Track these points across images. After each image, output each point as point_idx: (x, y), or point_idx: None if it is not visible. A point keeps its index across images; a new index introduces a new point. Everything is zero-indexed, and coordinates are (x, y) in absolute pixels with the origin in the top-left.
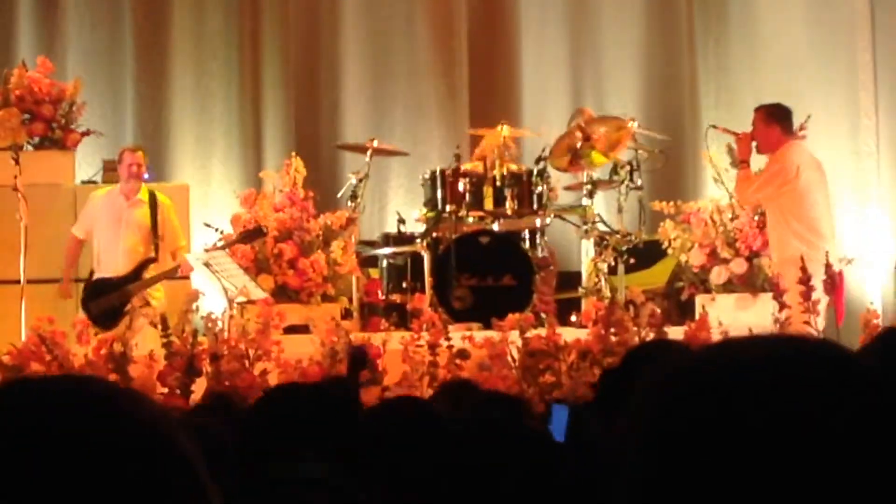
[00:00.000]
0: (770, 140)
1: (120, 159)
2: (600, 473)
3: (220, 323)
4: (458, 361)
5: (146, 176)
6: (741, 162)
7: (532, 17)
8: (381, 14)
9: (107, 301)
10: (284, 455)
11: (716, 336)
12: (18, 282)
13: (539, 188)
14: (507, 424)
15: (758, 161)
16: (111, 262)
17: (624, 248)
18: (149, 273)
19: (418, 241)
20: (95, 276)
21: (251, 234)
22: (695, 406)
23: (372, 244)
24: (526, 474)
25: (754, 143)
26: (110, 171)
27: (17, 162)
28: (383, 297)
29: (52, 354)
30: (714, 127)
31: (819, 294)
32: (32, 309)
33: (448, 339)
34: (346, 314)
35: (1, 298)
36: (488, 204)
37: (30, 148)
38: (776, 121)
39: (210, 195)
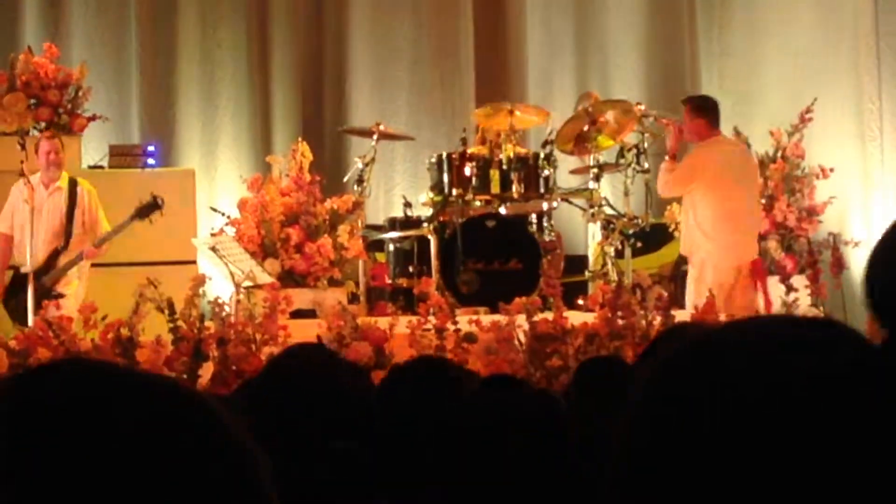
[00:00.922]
0: (696, 131)
1: (37, 147)
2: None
3: (226, 307)
4: (464, 345)
5: (152, 162)
6: (669, 153)
7: (537, 0)
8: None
9: (24, 296)
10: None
11: (723, 320)
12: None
13: (546, 172)
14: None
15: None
16: (31, 252)
17: (631, 231)
18: (60, 262)
19: (425, 225)
20: (17, 269)
21: (146, 208)
22: (685, 382)
23: (378, 228)
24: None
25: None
26: (117, 155)
27: (23, 147)
28: (390, 282)
29: (59, 339)
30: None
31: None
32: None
33: (455, 323)
34: (353, 298)
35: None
36: (495, 188)
37: (36, 133)
38: (702, 114)
39: (217, 180)
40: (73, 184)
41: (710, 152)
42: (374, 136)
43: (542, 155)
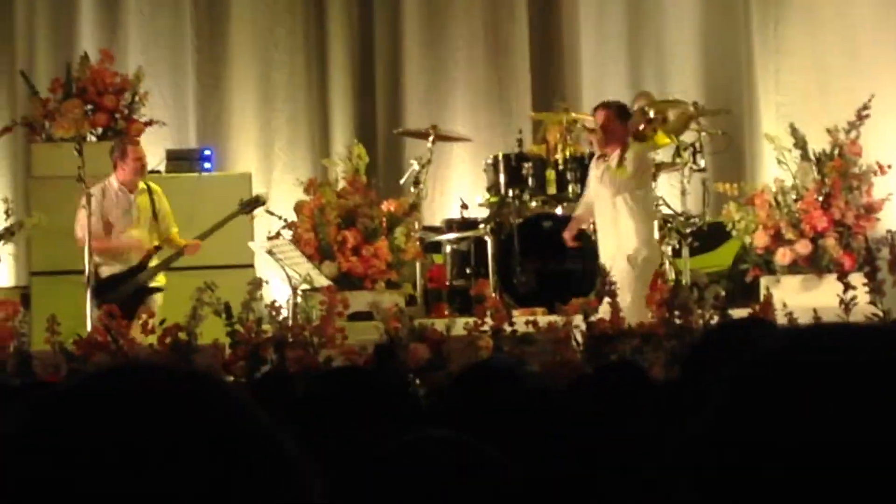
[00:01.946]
0: (622, 135)
1: (123, 152)
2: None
3: (284, 311)
4: (522, 346)
5: (209, 166)
6: (602, 156)
7: (591, 0)
8: (440, 0)
9: (119, 295)
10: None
11: (780, 318)
12: (83, 272)
13: None
14: None
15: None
16: (122, 255)
17: (688, 230)
18: (154, 261)
19: (481, 226)
20: (103, 272)
21: (250, 203)
22: (770, 397)
23: (435, 230)
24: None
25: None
26: (174, 160)
27: (80, 153)
28: (447, 283)
29: (118, 344)
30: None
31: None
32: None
33: (512, 324)
34: (411, 300)
35: (66, 288)
36: (551, 188)
37: (93, 139)
38: (626, 118)
39: (273, 183)
40: (147, 185)
41: (646, 150)
42: (430, 138)
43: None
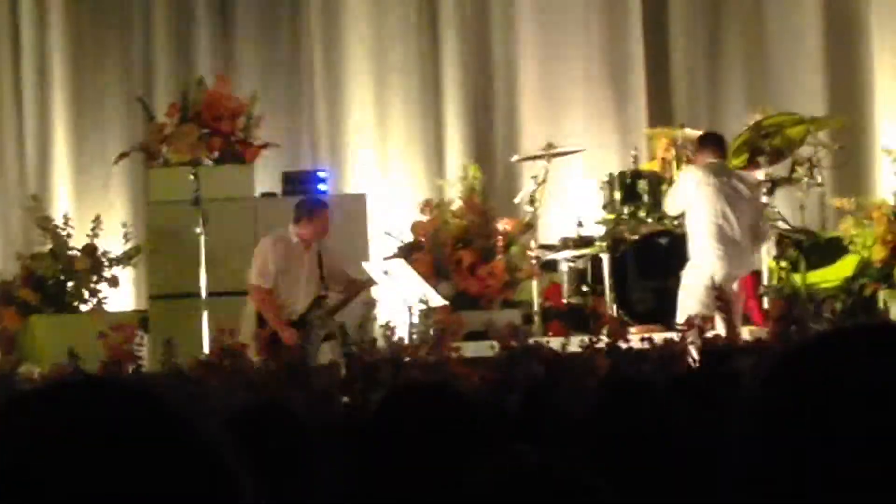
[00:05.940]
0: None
1: (313, 215)
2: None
3: (399, 331)
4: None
5: (324, 188)
6: None
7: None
8: (555, 20)
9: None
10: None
11: None
12: (200, 295)
13: None
14: None
15: None
16: (291, 307)
17: (805, 245)
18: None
19: (598, 243)
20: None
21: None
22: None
23: (551, 248)
24: None
25: None
26: (290, 182)
27: (196, 177)
28: (564, 301)
29: (233, 366)
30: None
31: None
32: (214, 321)
33: (628, 340)
34: (527, 319)
35: (183, 311)
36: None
37: (209, 163)
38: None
39: (390, 204)
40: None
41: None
42: (545, 157)
43: None
